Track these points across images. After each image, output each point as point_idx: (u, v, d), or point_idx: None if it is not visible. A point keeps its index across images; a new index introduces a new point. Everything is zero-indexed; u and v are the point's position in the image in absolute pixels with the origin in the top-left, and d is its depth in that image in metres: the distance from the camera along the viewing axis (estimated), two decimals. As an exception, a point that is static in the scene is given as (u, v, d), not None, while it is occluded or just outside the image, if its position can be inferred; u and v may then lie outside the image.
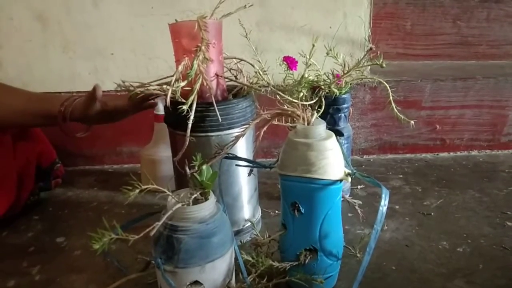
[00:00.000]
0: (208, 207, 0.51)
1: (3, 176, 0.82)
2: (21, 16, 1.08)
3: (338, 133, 0.59)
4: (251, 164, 0.67)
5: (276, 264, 0.59)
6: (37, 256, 0.75)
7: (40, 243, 0.80)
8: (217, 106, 0.65)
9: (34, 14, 1.08)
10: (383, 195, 0.52)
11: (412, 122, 0.72)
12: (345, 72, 0.74)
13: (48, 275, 0.69)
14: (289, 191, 0.58)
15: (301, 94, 0.74)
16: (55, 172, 0.99)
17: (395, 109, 0.73)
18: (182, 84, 0.63)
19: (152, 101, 0.76)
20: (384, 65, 0.61)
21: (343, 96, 0.85)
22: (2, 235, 0.83)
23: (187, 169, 0.53)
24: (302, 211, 0.56)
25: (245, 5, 0.68)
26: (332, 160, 0.54)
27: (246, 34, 0.77)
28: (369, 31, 1.15)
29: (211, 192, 0.53)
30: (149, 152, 0.99)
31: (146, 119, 1.06)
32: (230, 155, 0.63)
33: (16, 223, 0.87)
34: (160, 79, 0.69)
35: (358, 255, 0.69)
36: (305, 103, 0.64)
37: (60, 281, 0.68)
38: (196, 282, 0.50)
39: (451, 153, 1.25)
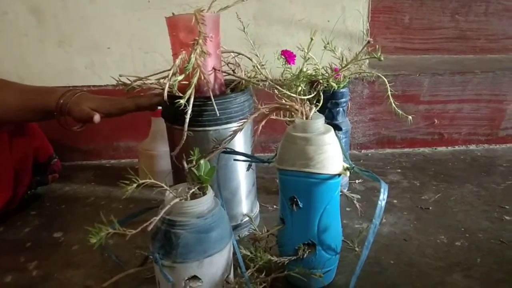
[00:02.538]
0: (206, 201, 0.51)
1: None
2: (16, 10, 1.07)
3: (336, 128, 0.59)
4: (249, 159, 0.67)
5: (274, 258, 0.59)
6: (34, 252, 0.75)
7: (37, 238, 0.79)
8: (214, 100, 0.64)
9: (29, 8, 1.07)
10: (382, 189, 0.51)
11: (410, 117, 0.72)
12: (344, 65, 0.73)
13: (45, 270, 0.69)
14: (288, 185, 0.57)
15: (299, 88, 0.74)
16: (52, 167, 0.98)
17: (393, 104, 0.73)
18: (180, 78, 0.63)
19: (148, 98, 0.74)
20: (382, 58, 0.61)
21: (341, 90, 0.85)
22: (-1, 230, 0.83)
23: (185, 163, 0.53)
24: (301, 205, 0.56)
25: (243, -2, 0.68)
26: (330, 154, 0.54)
27: (244, 28, 0.77)
28: (367, 25, 1.15)
29: (209, 187, 0.53)
30: (147, 146, 0.99)
31: (143, 113, 1.05)
32: (228, 150, 0.63)
33: (13, 218, 0.87)
34: (157, 73, 0.69)
35: (357, 249, 0.69)
36: (303, 97, 0.64)
37: (58, 276, 0.67)
38: (194, 277, 0.50)
39: (449, 148, 1.25)
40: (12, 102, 0.76)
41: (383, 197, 0.51)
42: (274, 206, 0.88)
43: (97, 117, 0.72)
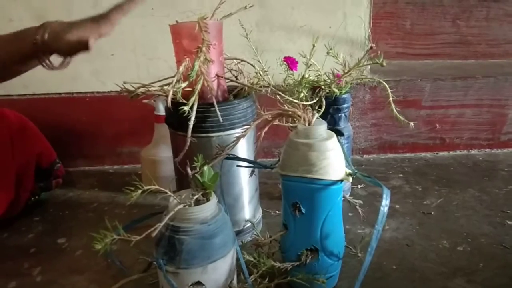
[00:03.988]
0: (210, 208, 0.52)
1: (0, 175, 0.82)
2: (21, 17, 1.08)
3: (339, 133, 0.59)
4: (252, 165, 0.67)
5: (277, 264, 0.59)
6: (38, 257, 0.75)
7: (41, 244, 0.80)
8: (218, 106, 0.65)
9: (34, 15, 1.08)
10: (384, 195, 0.52)
11: (412, 124, 0.72)
12: (346, 71, 0.74)
13: (49, 276, 0.69)
14: (290, 191, 0.58)
15: (302, 94, 0.74)
16: (56, 172, 0.99)
17: (394, 110, 0.73)
18: (183, 85, 0.63)
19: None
20: (384, 64, 0.61)
21: (343, 96, 0.85)
22: (3, 236, 0.83)
23: (188, 170, 0.53)
24: (303, 211, 0.56)
25: (246, 6, 0.69)
26: (333, 160, 0.54)
27: (246, 34, 0.77)
28: (369, 30, 1.15)
29: (213, 193, 0.53)
30: (150, 152, 0.99)
31: (146, 119, 1.06)
32: (231, 156, 0.63)
33: (17, 224, 0.87)
34: (161, 80, 0.69)
35: (359, 254, 0.69)
36: (305, 103, 0.64)
37: (62, 282, 0.68)
38: (198, 283, 0.50)
39: (451, 152, 1.25)
40: None
41: (385, 203, 0.52)
42: (277, 212, 0.88)
43: (92, 42, 0.63)
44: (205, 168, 0.53)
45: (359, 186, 0.99)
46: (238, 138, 0.62)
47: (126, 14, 0.66)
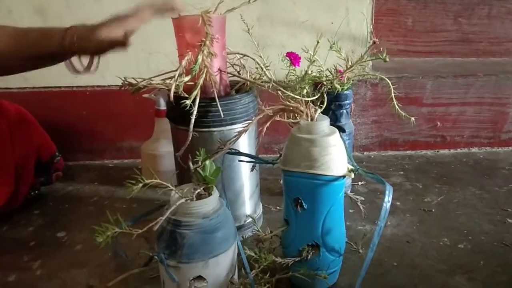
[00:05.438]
0: (212, 202, 0.51)
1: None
2: (21, 9, 1.07)
3: (340, 129, 0.59)
4: (253, 160, 0.67)
5: (279, 259, 0.59)
6: (38, 251, 0.75)
7: (41, 237, 0.80)
8: (219, 101, 0.64)
9: (34, 7, 1.07)
10: (387, 192, 0.52)
11: (413, 119, 0.72)
12: (349, 66, 0.73)
13: (49, 269, 0.69)
14: (292, 187, 0.57)
15: (305, 90, 0.74)
16: (56, 165, 0.98)
17: (396, 106, 0.73)
18: (186, 79, 0.63)
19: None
20: (387, 60, 0.61)
21: (345, 92, 0.85)
22: (3, 229, 0.83)
23: (190, 164, 0.53)
24: (305, 206, 0.56)
25: (249, 0, 0.68)
26: (335, 156, 0.54)
27: (248, 29, 0.77)
28: (371, 27, 1.15)
29: (214, 187, 0.53)
30: (150, 147, 0.99)
31: (146, 114, 1.06)
32: (233, 151, 0.63)
33: (17, 218, 0.87)
34: (163, 74, 0.69)
35: (360, 251, 0.69)
36: (307, 99, 0.64)
37: (61, 275, 0.67)
38: (199, 277, 0.50)
39: (452, 150, 1.25)
40: (5, 50, 0.66)
41: (388, 199, 0.51)
42: (277, 207, 0.88)
43: (129, 38, 0.64)
44: (207, 162, 0.53)
45: (359, 183, 0.99)
46: (240, 133, 0.62)
47: (155, 14, 0.67)
